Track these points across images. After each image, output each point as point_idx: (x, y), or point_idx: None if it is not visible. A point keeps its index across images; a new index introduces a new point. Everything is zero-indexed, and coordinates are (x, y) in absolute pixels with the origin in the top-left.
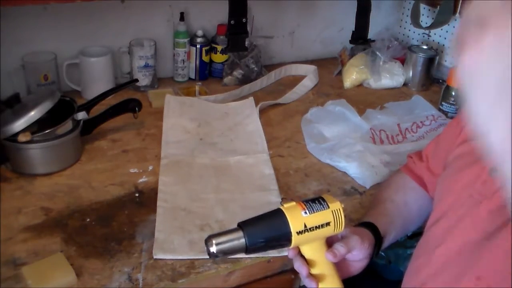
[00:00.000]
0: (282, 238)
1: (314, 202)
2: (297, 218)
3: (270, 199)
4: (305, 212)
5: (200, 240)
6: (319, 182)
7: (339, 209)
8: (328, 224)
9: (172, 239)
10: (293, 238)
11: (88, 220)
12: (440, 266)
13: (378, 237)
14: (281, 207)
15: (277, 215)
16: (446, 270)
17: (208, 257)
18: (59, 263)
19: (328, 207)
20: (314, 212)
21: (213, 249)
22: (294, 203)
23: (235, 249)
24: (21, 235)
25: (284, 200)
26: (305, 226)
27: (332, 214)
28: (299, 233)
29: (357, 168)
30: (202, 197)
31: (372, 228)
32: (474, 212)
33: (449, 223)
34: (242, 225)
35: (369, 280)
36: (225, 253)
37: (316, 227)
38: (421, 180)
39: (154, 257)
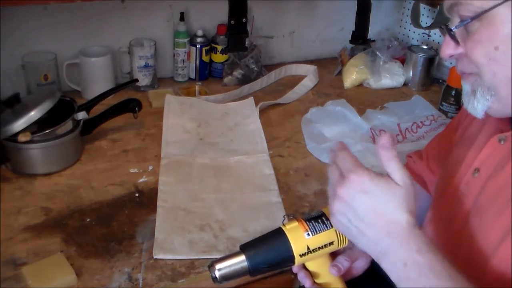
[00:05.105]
0: (285, 261)
1: (317, 221)
2: (299, 240)
3: (270, 199)
4: (308, 234)
5: (200, 240)
6: (319, 182)
7: None
8: (331, 243)
9: (172, 239)
10: (296, 260)
11: (88, 220)
12: None
13: None
14: (283, 228)
15: (279, 238)
16: None
17: (208, 256)
18: (59, 263)
19: (331, 226)
20: (317, 233)
21: (216, 274)
22: (296, 223)
23: (238, 274)
24: (21, 235)
25: (286, 217)
26: (308, 248)
27: (335, 233)
28: (302, 255)
29: None
30: (202, 197)
31: None
32: (458, 216)
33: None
34: (243, 249)
35: (371, 281)
36: (228, 278)
37: (319, 247)
38: (421, 179)
39: (154, 257)
